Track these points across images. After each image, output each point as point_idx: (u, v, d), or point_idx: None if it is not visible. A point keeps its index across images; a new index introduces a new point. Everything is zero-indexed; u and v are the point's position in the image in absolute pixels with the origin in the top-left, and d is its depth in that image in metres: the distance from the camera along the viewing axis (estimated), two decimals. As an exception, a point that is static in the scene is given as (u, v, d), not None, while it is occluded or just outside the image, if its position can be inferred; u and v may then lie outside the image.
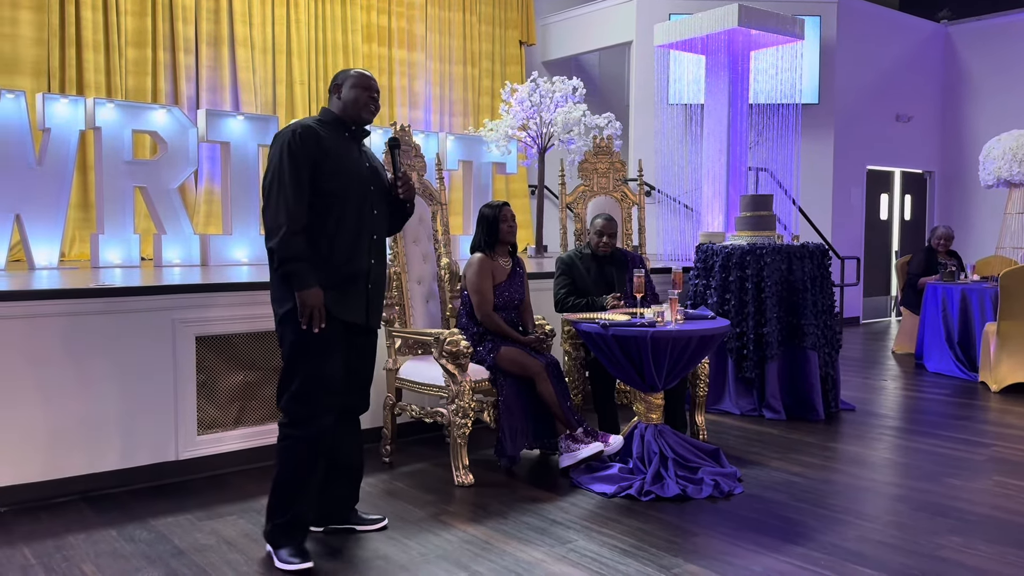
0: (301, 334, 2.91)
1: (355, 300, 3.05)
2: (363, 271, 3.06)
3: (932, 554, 3.07)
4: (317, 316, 2.89)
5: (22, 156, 5.34)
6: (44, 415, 3.63)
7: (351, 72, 3.13)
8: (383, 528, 3.31)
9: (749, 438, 4.77)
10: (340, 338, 3.02)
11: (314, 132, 2.96)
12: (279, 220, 2.86)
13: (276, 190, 2.89)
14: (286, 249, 2.86)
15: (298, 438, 2.97)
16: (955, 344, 6.91)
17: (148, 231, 6.44)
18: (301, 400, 2.95)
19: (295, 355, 2.95)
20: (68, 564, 2.99)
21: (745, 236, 5.60)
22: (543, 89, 7.72)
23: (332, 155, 2.97)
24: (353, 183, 3.01)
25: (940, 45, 11.53)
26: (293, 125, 2.99)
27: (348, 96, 3.06)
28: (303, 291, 2.87)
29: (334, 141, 3.01)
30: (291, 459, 2.98)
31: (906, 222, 11.70)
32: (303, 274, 2.87)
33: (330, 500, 3.24)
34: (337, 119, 3.09)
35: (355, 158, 3.07)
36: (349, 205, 2.99)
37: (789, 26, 6.90)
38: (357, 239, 3.03)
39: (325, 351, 2.96)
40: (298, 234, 2.88)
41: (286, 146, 2.91)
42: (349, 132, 3.10)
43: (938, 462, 4.29)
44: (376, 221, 3.11)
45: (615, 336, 3.80)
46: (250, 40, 8.53)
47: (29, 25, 7.27)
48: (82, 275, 4.89)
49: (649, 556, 3.04)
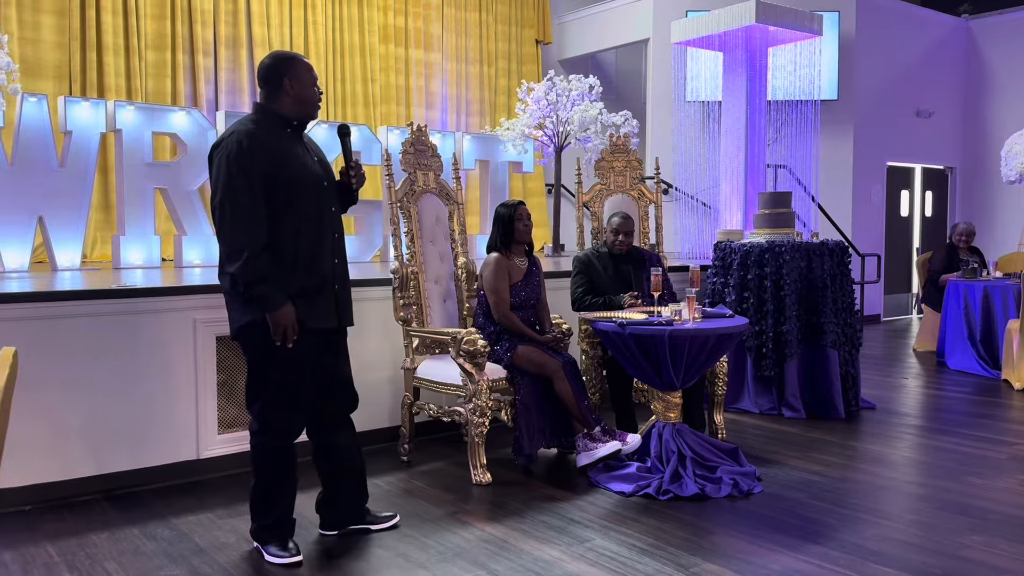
0: (267, 347, 2.84)
1: (324, 305, 2.96)
2: (328, 274, 2.96)
3: (954, 554, 3.05)
4: (291, 332, 2.82)
5: (45, 159, 5.40)
6: (67, 415, 3.67)
7: (297, 61, 2.89)
8: (395, 526, 3.32)
9: (768, 437, 4.75)
10: (311, 347, 2.95)
11: (259, 139, 2.78)
12: (239, 242, 2.73)
13: (230, 210, 2.73)
14: (251, 273, 2.74)
15: (270, 446, 2.97)
16: (977, 341, 6.84)
17: (169, 232, 6.50)
18: (272, 408, 2.93)
19: (262, 367, 2.90)
20: (91, 562, 3.03)
21: (764, 233, 5.57)
22: (559, 88, 7.71)
23: (281, 160, 2.80)
24: (308, 186, 2.87)
25: (961, 40, 11.40)
26: (236, 134, 2.78)
27: (300, 92, 2.87)
28: (275, 312, 2.78)
29: (278, 142, 2.84)
30: (266, 465, 2.99)
31: (927, 218, 11.59)
32: (272, 294, 2.77)
33: (340, 505, 3.23)
34: (278, 116, 2.89)
35: (303, 157, 2.91)
36: (306, 210, 2.86)
37: (807, 22, 6.86)
38: (319, 243, 2.91)
39: (293, 362, 2.90)
40: (261, 255, 2.76)
41: (234, 160, 2.73)
42: (291, 128, 2.92)
43: (960, 461, 4.25)
44: (335, 218, 3.01)
45: (632, 335, 3.79)
46: (268, 42, 8.58)
47: (51, 30, 7.36)
48: (104, 276, 4.95)
49: (667, 555, 3.03)
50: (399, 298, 4.24)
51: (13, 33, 7.09)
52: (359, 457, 3.25)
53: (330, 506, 3.23)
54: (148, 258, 5.76)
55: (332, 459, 3.18)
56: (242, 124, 2.86)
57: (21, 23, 7.22)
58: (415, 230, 4.40)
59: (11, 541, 3.21)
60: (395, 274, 4.24)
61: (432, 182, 4.54)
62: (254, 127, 2.83)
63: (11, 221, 5.25)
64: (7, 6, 7.13)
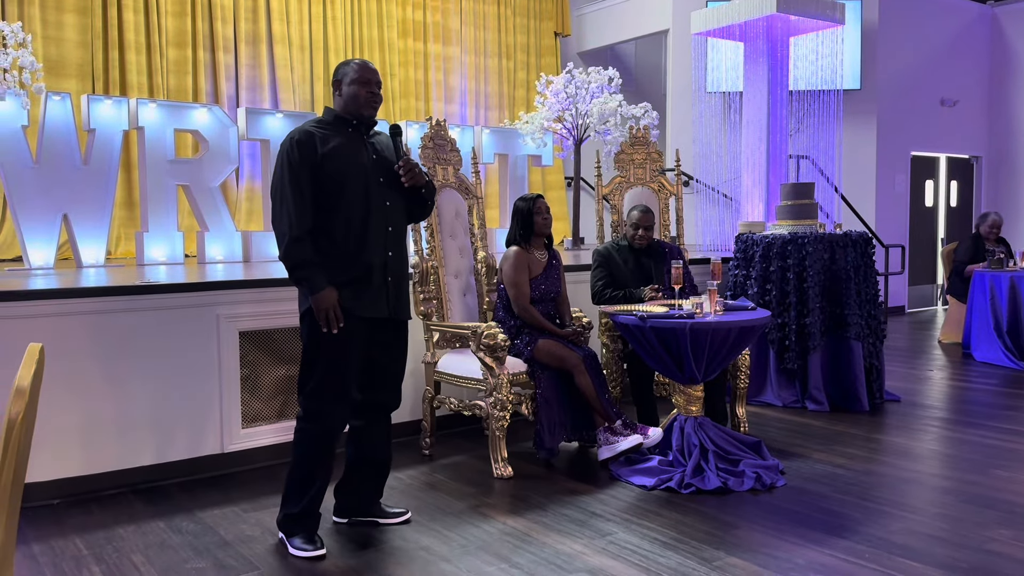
0: (317, 334, 2.97)
1: (373, 295, 3.05)
2: (379, 264, 3.05)
3: (980, 547, 3.01)
4: (333, 316, 2.93)
5: (69, 157, 5.46)
6: (93, 411, 3.72)
7: (351, 65, 3.09)
8: (406, 521, 3.32)
9: (791, 430, 4.72)
10: (360, 336, 3.04)
11: (311, 137, 2.98)
12: (282, 229, 2.93)
13: (279, 201, 2.96)
14: (292, 256, 2.93)
15: (311, 433, 3.04)
16: (1004, 333, 6.75)
17: (191, 228, 6.56)
18: (315, 397, 3.01)
19: (311, 354, 3.02)
20: (119, 555, 3.07)
21: (786, 225, 5.52)
22: (578, 80, 7.68)
23: (332, 155, 2.98)
24: (356, 179, 3.01)
25: (986, 27, 11.22)
26: (293, 132, 3.02)
27: (348, 93, 3.05)
28: (316, 294, 2.92)
29: (337, 140, 3.02)
30: (305, 453, 3.06)
31: (952, 208, 11.44)
32: (313, 277, 2.92)
33: (355, 493, 3.30)
34: (338, 117, 3.09)
35: (359, 153, 3.06)
36: (355, 201, 3.00)
37: (829, 11, 6.78)
38: (366, 233, 3.02)
39: (340, 350, 2.99)
40: (302, 240, 2.92)
41: (284, 156, 2.97)
42: (352, 128, 3.09)
43: (986, 453, 4.20)
44: (390, 212, 3.10)
45: (653, 328, 3.78)
46: (288, 38, 8.63)
47: (73, 28, 7.44)
48: (128, 273, 5.00)
49: (690, 548, 3.03)
50: (419, 292, 4.25)
51: (37, 32, 7.18)
52: (386, 451, 3.30)
53: (347, 493, 3.30)
54: (171, 254, 5.82)
55: (361, 446, 3.25)
56: (305, 124, 3.07)
57: (44, 22, 7.31)
58: (435, 225, 4.41)
59: (40, 535, 3.26)
60: (415, 269, 4.25)
61: (451, 176, 4.55)
62: (312, 125, 3.05)
63: (37, 219, 5.31)
64: (31, 5, 7.22)
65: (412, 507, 3.45)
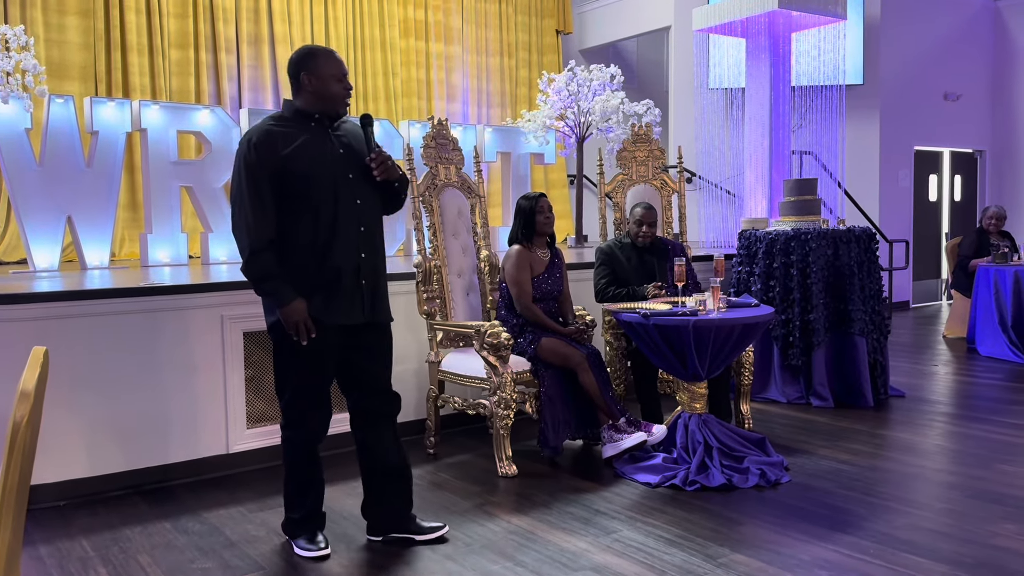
0: (288, 345, 2.87)
1: (345, 300, 2.88)
2: (350, 268, 2.87)
3: (986, 542, 3.01)
4: (303, 328, 2.80)
5: (72, 159, 5.47)
6: (99, 412, 3.73)
7: (317, 56, 2.84)
8: (443, 538, 3.13)
9: (796, 426, 4.72)
10: (333, 343, 2.90)
11: (270, 136, 2.78)
12: (242, 242, 2.80)
13: (237, 209, 2.79)
14: (253, 271, 2.80)
15: (294, 440, 3.01)
16: (1008, 327, 6.74)
17: (195, 230, 6.57)
18: (295, 406, 2.98)
19: (283, 366, 2.96)
20: (125, 556, 3.08)
21: (789, 221, 5.52)
22: (580, 78, 7.68)
23: (295, 155, 2.78)
24: (323, 177, 2.81)
25: (989, 21, 11.19)
26: (249, 133, 2.81)
27: (321, 89, 2.83)
28: (284, 307, 2.78)
29: (300, 137, 2.81)
30: (294, 460, 3.03)
31: (956, 203, 11.40)
32: (279, 290, 2.79)
33: (381, 508, 3.13)
34: (299, 112, 2.86)
35: (324, 149, 2.85)
36: (322, 201, 2.81)
37: (831, 6, 6.76)
38: (335, 237, 2.83)
39: (312, 361, 2.89)
40: (263, 251, 2.78)
41: (241, 159, 2.78)
42: (315, 122, 2.87)
43: (991, 448, 4.19)
44: (362, 211, 2.90)
45: (656, 325, 3.78)
46: (290, 38, 8.63)
47: (76, 31, 7.46)
48: (132, 274, 5.01)
49: (695, 546, 3.03)
50: (422, 292, 4.25)
51: (39, 36, 7.19)
52: (397, 457, 3.10)
53: (373, 509, 3.15)
54: (175, 256, 5.83)
55: (372, 457, 3.09)
56: (262, 122, 2.87)
57: (47, 25, 7.32)
58: (437, 224, 4.41)
59: (47, 536, 3.27)
60: (418, 268, 4.25)
61: (454, 176, 4.55)
62: (271, 123, 2.84)
63: (41, 221, 5.33)
64: (33, 8, 7.23)
65: (417, 506, 3.43)
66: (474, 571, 2.87)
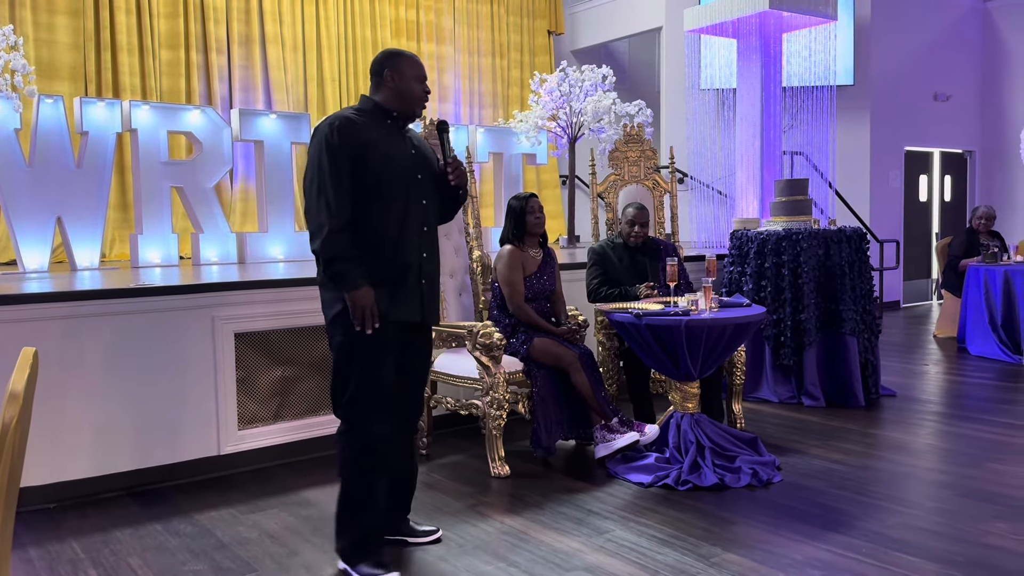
0: (351, 337, 2.75)
1: (408, 297, 2.85)
2: (413, 265, 2.86)
3: (977, 541, 3.02)
4: (370, 316, 2.71)
5: (62, 160, 5.45)
6: (89, 413, 3.71)
7: (404, 58, 2.90)
8: (438, 540, 3.12)
9: (788, 426, 4.73)
10: (393, 340, 2.84)
11: (351, 123, 2.78)
12: (320, 220, 2.70)
13: (316, 189, 2.73)
14: (330, 249, 2.70)
15: (357, 445, 2.81)
16: (998, 327, 6.77)
17: (186, 230, 6.54)
18: (354, 406, 2.79)
19: (346, 359, 2.79)
20: (115, 558, 3.06)
21: (780, 221, 5.53)
22: (572, 78, 7.68)
23: (373, 146, 2.78)
24: (397, 174, 2.82)
25: (979, 21, 11.25)
26: (330, 118, 2.81)
27: (402, 87, 2.86)
28: (353, 291, 2.70)
29: (375, 131, 2.82)
30: (354, 468, 2.82)
31: (946, 203, 11.46)
32: (350, 273, 2.70)
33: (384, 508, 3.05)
34: (378, 107, 2.88)
35: (399, 147, 2.87)
36: (394, 197, 2.81)
37: (822, 6, 6.79)
38: (403, 232, 2.83)
39: (377, 354, 2.78)
40: (341, 232, 2.70)
41: (322, 141, 2.74)
42: (391, 120, 2.89)
43: (982, 447, 4.21)
44: (426, 212, 2.91)
45: (649, 325, 3.78)
46: (280, 39, 8.61)
47: (65, 31, 7.42)
48: (123, 275, 4.99)
49: (687, 545, 3.03)
50: (415, 292, 4.24)
51: (28, 35, 7.15)
52: (412, 465, 3.10)
53: None
54: (166, 256, 5.80)
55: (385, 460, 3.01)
56: (342, 110, 2.88)
57: (36, 25, 7.29)
58: (430, 224, 4.40)
59: (37, 538, 3.25)
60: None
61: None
62: (352, 114, 2.85)
63: (30, 222, 5.30)
64: (22, 8, 7.20)
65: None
66: (467, 572, 2.87)
